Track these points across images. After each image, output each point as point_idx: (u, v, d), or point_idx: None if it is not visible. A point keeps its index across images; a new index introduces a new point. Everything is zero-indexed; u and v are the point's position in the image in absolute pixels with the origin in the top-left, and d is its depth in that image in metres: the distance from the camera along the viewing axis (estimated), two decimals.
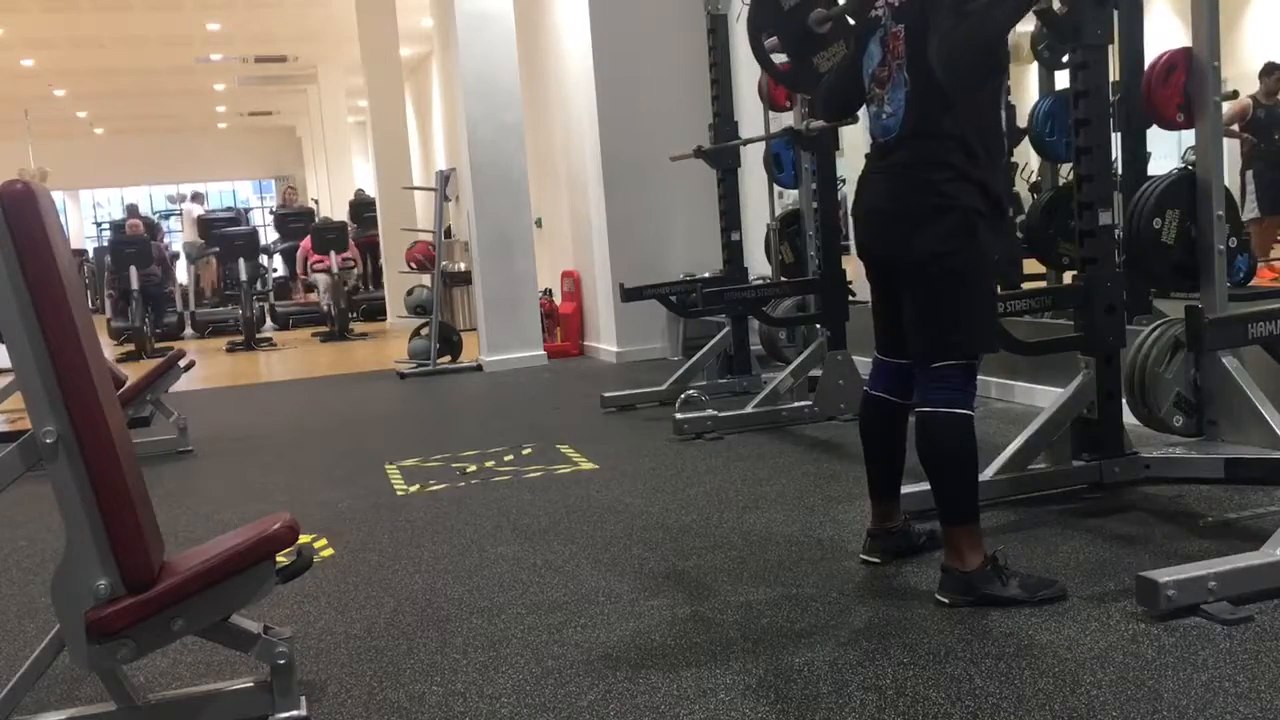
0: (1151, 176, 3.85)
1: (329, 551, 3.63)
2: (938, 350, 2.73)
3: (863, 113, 3.02)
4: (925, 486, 3.26)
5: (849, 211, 3.42)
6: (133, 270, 11.87)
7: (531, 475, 4.58)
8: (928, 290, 2.73)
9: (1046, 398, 4.42)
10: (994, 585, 2.65)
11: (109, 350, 11.72)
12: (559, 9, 8.52)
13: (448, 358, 8.58)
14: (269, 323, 14.09)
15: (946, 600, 2.68)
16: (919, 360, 2.77)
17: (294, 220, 15.62)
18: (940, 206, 2.68)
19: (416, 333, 8.72)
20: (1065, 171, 5.14)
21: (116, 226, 15.47)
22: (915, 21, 2.71)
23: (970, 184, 2.69)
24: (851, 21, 3.31)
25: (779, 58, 4.06)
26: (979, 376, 2.82)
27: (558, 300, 9.09)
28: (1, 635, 3.05)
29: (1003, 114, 3.11)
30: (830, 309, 5.21)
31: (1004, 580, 2.65)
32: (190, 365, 6.09)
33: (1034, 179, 6.07)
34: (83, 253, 18.93)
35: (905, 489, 3.11)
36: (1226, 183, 3.56)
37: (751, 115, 6.43)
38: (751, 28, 4.11)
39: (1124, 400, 3.66)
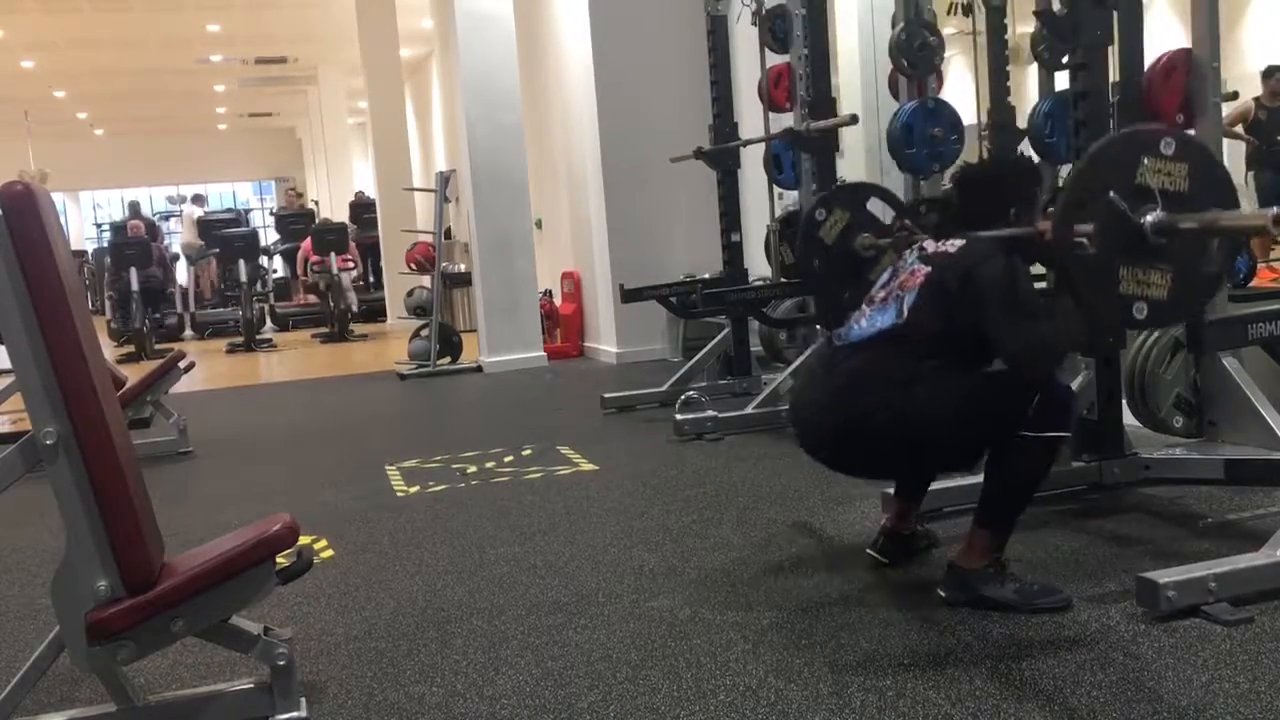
0: None
1: (329, 553, 3.63)
2: (1008, 436, 2.63)
3: (859, 130, 3.05)
4: (935, 486, 3.28)
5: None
6: (133, 271, 11.87)
7: (531, 476, 4.58)
8: (939, 433, 2.63)
9: None
10: (990, 586, 2.64)
11: (109, 351, 11.71)
12: (559, 10, 8.52)
13: (448, 359, 8.58)
14: (269, 324, 14.10)
15: (945, 595, 2.69)
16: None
17: (294, 221, 15.62)
18: (876, 405, 2.64)
19: (416, 334, 8.72)
20: (1065, 172, 5.14)
21: (116, 228, 15.47)
22: (943, 279, 2.70)
23: (909, 387, 2.64)
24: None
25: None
26: None
27: (558, 301, 9.09)
28: (1, 636, 3.05)
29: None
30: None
31: (1002, 583, 2.65)
32: (190, 366, 6.09)
33: None
34: (83, 254, 18.91)
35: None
36: None
37: (751, 116, 6.43)
38: (804, 259, 4.47)
39: (1124, 401, 3.66)
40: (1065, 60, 3.90)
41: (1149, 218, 2.56)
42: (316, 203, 19.71)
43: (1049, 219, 2.71)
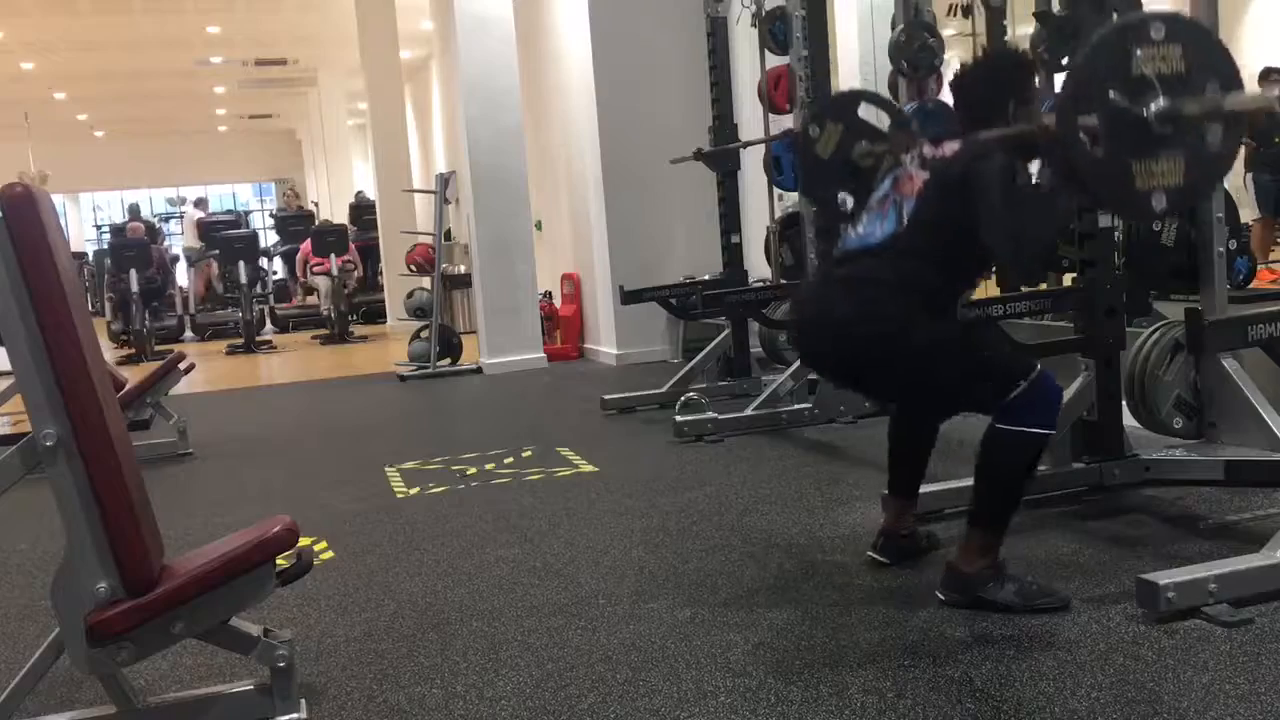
0: None
1: (329, 554, 3.63)
2: (985, 407, 2.68)
3: None
4: (935, 488, 3.28)
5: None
6: (133, 273, 11.87)
7: (531, 478, 4.58)
8: (922, 373, 2.70)
9: None
10: (988, 588, 2.64)
11: (109, 353, 11.71)
12: (559, 12, 8.52)
13: (447, 360, 8.58)
14: (269, 325, 14.09)
15: (944, 597, 2.69)
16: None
17: (294, 223, 15.63)
18: (875, 312, 2.68)
19: (416, 335, 8.72)
20: None
21: (116, 229, 15.47)
22: (944, 184, 2.71)
23: (914, 294, 2.68)
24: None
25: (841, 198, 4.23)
26: None
27: (558, 303, 9.09)
28: (2, 638, 3.05)
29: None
30: None
31: (1000, 584, 2.64)
32: (190, 368, 6.09)
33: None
34: (83, 255, 18.92)
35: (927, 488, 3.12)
36: (1227, 185, 3.56)
37: (751, 118, 6.44)
38: (808, 187, 4.27)
39: (1124, 402, 3.66)
40: (1065, 61, 3.91)
41: (1152, 108, 2.52)
42: (316, 204, 19.72)
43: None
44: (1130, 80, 2.53)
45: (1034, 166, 2.86)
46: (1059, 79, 4.81)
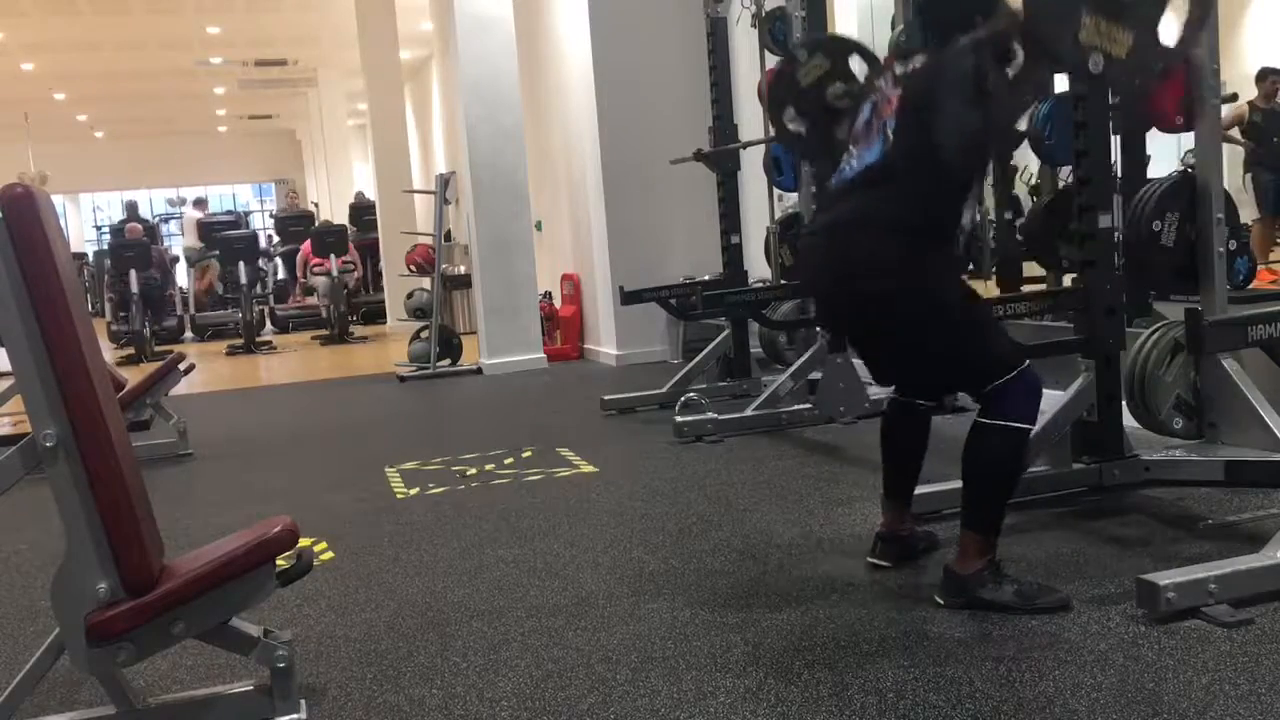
0: (1151, 179, 3.86)
1: (329, 555, 3.63)
2: (974, 385, 2.70)
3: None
4: (934, 488, 3.28)
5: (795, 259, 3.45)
6: (132, 274, 11.87)
7: (531, 478, 4.58)
8: (919, 339, 2.69)
9: (1046, 400, 4.41)
10: (988, 590, 2.64)
11: (109, 354, 11.72)
12: (559, 12, 8.52)
13: (447, 361, 8.58)
14: (269, 326, 14.09)
15: (942, 601, 2.69)
16: (969, 395, 2.76)
17: (294, 223, 15.63)
18: (881, 253, 2.66)
19: (416, 336, 8.72)
20: (1065, 174, 5.14)
21: (116, 230, 15.47)
22: (916, 94, 2.70)
23: (911, 235, 2.66)
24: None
25: (795, 126, 4.15)
26: None
27: (557, 303, 9.09)
28: (2, 638, 3.05)
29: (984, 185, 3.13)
30: None
31: (999, 585, 2.65)
32: (190, 369, 6.09)
33: (1034, 182, 6.07)
34: (82, 256, 18.93)
35: (922, 489, 3.11)
36: (1227, 185, 3.56)
37: (751, 118, 6.43)
38: (773, 99, 4.20)
39: (1124, 403, 3.66)
40: None
41: None
42: (316, 205, 19.72)
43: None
44: None
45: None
46: (1059, 80, 4.80)
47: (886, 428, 3.07)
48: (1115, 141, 3.95)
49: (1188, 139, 3.70)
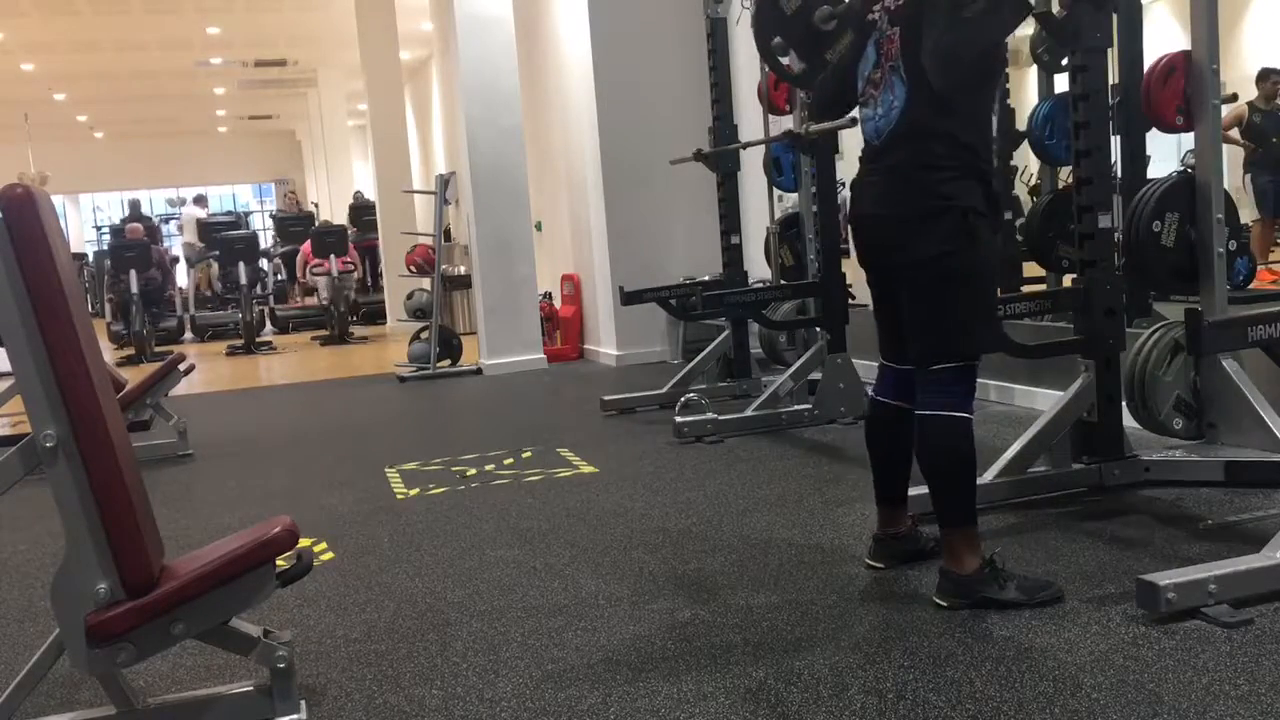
0: (1151, 179, 3.86)
1: (329, 555, 3.63)
2: (937, 353, 2.73)
3: (859, 131, 3.02)
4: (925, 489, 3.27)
5: (846, 216, 3.42)
6: (132, 274, 11.88)
7: (531, 479, 4.58)
8: (928, 293, 2.72)
9: (1046, 401, 4.42)
10: (991, 588, 2.65)
11: (109, 354, 11.72)
12: (559, 12, 8.53)
13: (447, 361, 8.58)
14: (269, 326, 14.09)
15: (944, 603, 2.68)
16: (918, 363, 2.77)
17: (294, 224, 15.62)
18: (938, 208, 2.67)
19: (416, 336, 8.72)
20: (1065, 174, 5.14)
21: (116, 230, 15.47)
22: (911, 25, 2.72)
23: (969, 182, 2.69)
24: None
25: (787, 59, 4.07)
26: (978, 380, 2.82)
27: (557, 304, 9.09)
28: (2, 639, 3.05)
29: (994, 117, 3.14)
30: (830, 312, 5.21)
31: (1001, 583, 2.65)
32: (190, 369, 6.09)
33: (1033, 182, 6.07)
34: (82, 256, 18.93)
35: (912, 491, 3.11)
36: (1227, 185, 3.56)
37: (751, 119, 6.44)
38: (759, 33, 4.15)
39: (1124, 403, 3.66)
40: (1065, 62, 3.91)
41: None
42: (316, 205, 19.72)
43: None
44: None
45: None
46: (1059, 80, 4.82)
47: (870, 430, 3.07)
48: (1115, 142, 3.96)
49: (1188, 139, 3.69)
